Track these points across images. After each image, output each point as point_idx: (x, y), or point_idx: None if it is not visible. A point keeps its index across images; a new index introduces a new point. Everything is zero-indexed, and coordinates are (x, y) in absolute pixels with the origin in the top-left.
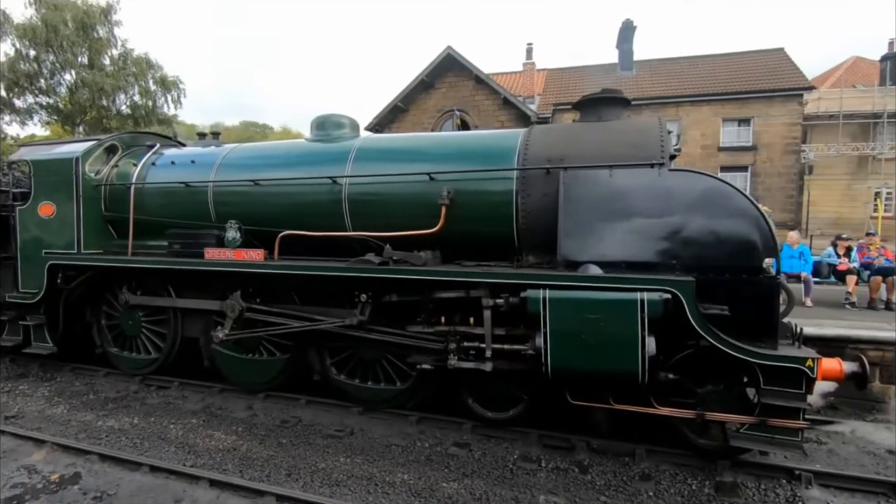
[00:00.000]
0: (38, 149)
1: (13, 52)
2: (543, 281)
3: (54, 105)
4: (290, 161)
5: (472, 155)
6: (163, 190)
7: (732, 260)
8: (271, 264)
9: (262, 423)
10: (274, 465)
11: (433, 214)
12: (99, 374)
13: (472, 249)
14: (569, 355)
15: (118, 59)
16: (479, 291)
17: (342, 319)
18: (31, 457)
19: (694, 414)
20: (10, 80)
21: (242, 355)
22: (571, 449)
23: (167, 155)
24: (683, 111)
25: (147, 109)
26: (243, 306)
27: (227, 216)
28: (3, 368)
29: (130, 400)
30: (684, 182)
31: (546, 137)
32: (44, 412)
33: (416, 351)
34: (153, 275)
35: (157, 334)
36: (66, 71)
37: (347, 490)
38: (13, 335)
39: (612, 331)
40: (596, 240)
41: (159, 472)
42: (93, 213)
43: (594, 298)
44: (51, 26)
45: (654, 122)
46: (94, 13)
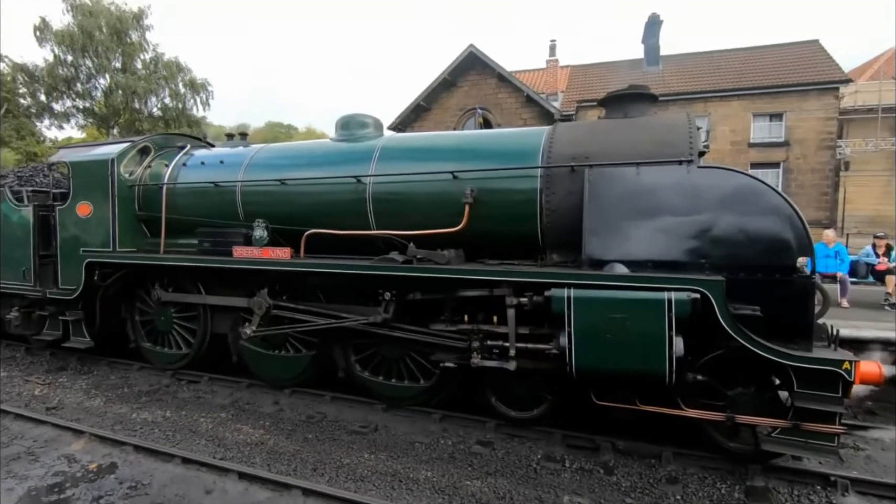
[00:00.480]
0: (76, 150)
1: (52, 57)
2: (568, 280)
3: (90, 108)
4: (315, 161)
5: (496, 153)
6: (193, 190)
7: (764, 259)
8: (297, 262)
9: (289, 418)
10: (300, 459)
11: (457, 213)
12: (133, 368)
13: (495, 248)
14: (594, 355)
15: (149, 63)
16: (502, 290)
17: (366, 317)
18: (70, 446)
19: (723, 416)
20: (50, 84)
21: (269, 352)
22: (596, 450)
23: (197, 156)
24: (712, 106)
25: (177, 111)
26: (270, 303)
27: (255, 215)
28: (44, 361)
29: (163, 394)
30: (714, 179)
31: (571, 135)
32: (82, 404)
33: (439, 349)
34: (184, 272)
35: (187, 330)
36: (101, 75)
37: (372, 486)
38: (53, 330)
39: (639, 331)
40: (622, 238)
41: (191, 463)
42: (127, 212)
43: (620, 298)
44: (86, 32)
45: (683, 118)
46: (126, 19)
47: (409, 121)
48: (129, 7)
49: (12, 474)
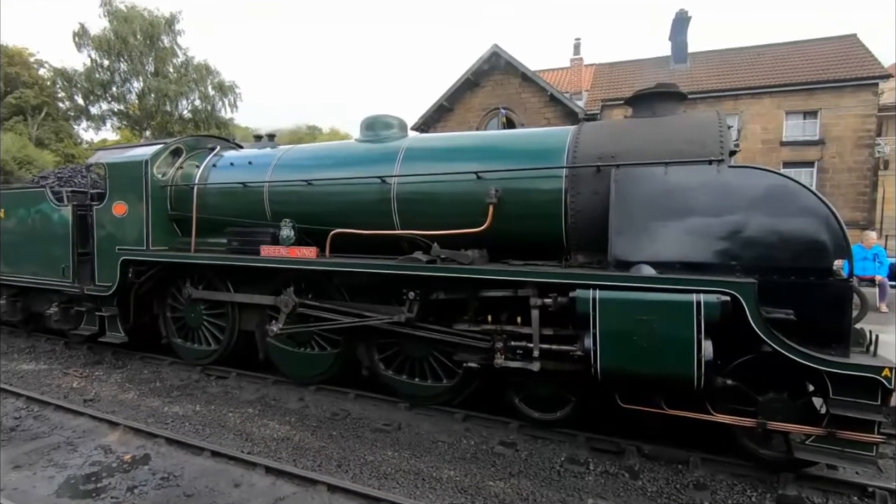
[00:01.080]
0: (112, 152)
1: (89, 62)
2: (594, 281)
3: (124, 111)
4: (340, 161)
5: (521, 153)
6: (222, 190)
7: (799, 261)
8: (323, 261)
9: (314, 414)
10: (325, 455)
11: (480, 213)
12: (164, 363)
13: (519, 248)
14: (619, 357)
15: (180, 67)
16: (526, 290)
17: (390, 316)
18: (106, 437)
19: (754, 422)
20: (87, 88)
21: (295, 349)
22: (621, 453)
23: (227, 157)
24: (743, 104)
25: (206, 113)
26: (296, 302)
27: (282, 215)
28: (81, 355)
29: (193, 388)
30: (746, 179)
31: (597, 134)
32: (116, 397)
33: (462, 349)
34: (213, 270)
35: (216, 327)
36: (135, 79)
37: (395, 483)
38: (90, 325)
39: (666, 333)
40: (649, 239)
41: (220, 457)
42: (160, 211)
43: (647, 299)
44: (121, 38)
45: (713, 116)
46: (159, 24)
47: (432, 121)
48: (161, 13)
49: (53, 463)
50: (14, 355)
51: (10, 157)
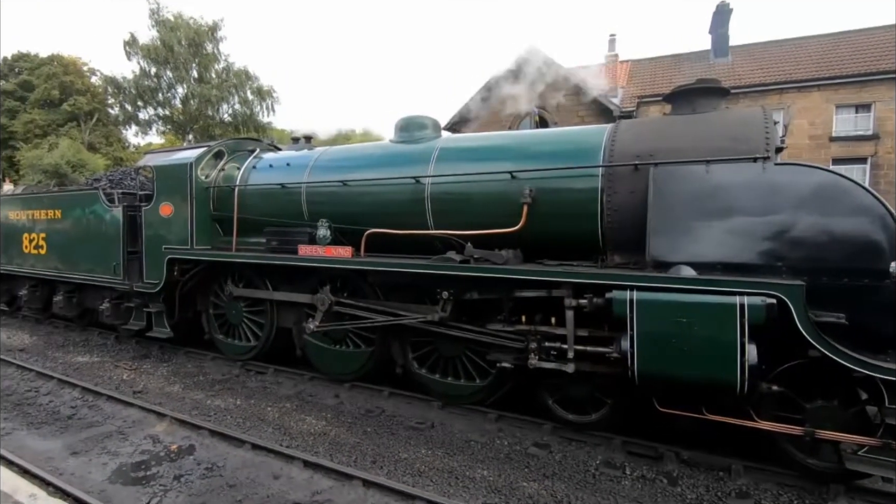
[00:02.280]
0: (159, 155)
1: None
2: (631, 282)
3: (169, 116)
4: (375, 162)
5: (556, 152)
6: (262, 191)
7: (851, 263)
8: (358, 261)
9: (349, 411)
10: (360, 451)
11: (514, 213)
12: (207, 358)
13: (554, 248)
14: (658, 360)
15: (222, 72)
16: (561, 291)
17: (424, 315)
18: (154, 428)
19: (802, 431)
20: (135, 95)
21: (331, 346)
22: (659, 458)
23: (266, 158)
24: (788, 98)
25: (245, 117)
26: (332, 300)
27: (319, 215)
28: (130, 349)
29: (233, 383)
30: (793, 177)
31: (634, 132)
32: (163, 389)
33: (496, 349)
34: (253, 269)
35: (256, 324)
36: (180, 85)
37: (429, 481)
38: (139, 320)
39: (708, 336)
40: (689, 239)
41: (260, 450)
42: (203, 212)
43: (687, 301)
44: (168, 46)
45: (758, 112)
46: (202, 31)
47: (464, 121)
48: (205, 21)
49: (106, 450)
50: (70, 348)
51: (64, 161)
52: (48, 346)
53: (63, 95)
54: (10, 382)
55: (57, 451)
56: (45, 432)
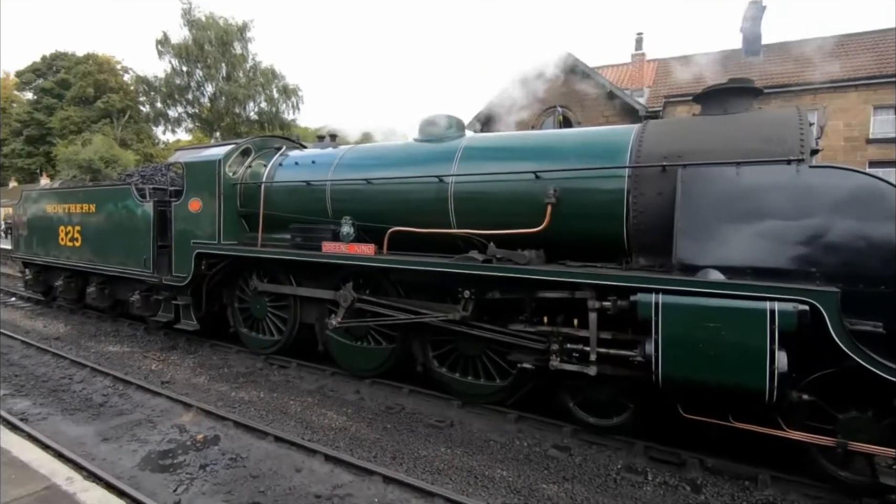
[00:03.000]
0: (189, 152)
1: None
2: (657, 285)
3: (197, 114)
4: (399, 161)
5: (581, 152)
6: (287, 188)
7: (890, 269)
8: (381, 258)
9: (369, 407)
10: (380, 447)
11: (538, 213)
12: (231, 351)
13: (577, 249)
14: (683, 365)
15: (249, 71)
16: (584, 293)
17: (445, 314)
18: (181, 418)
19: (833, 442)
20: (166, 93)
21: (352, 342)
22: (682, 465)
23: (292, 156)
24: (823, 99)
25: (271, 115)
26: (354, 297)
27: (343, 212)
28: (158, 340)
29: (257, 376)
30: (829, 180)
31: (662, 132)
32: (189, 380)
33: (517, 349)
34: (278, 264)
35: (279, 318)
36: (209, 84)
37: (448, 479)
38: (167, 312)
39: (736, 342)
40: (718, 243)
41: (282, 442)
42: (230, 208)
43: (716, 306)
44: (199, 45)
45: (793, 113)
46: (232, 31)
47: (487, 121)
48: (235, 21)
49: (136, 438)
50: (102, 338)
51: (98, 157)
52: (81, 336)
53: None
54: (45, 370)
55: (89, 437)
56: (79, 418)
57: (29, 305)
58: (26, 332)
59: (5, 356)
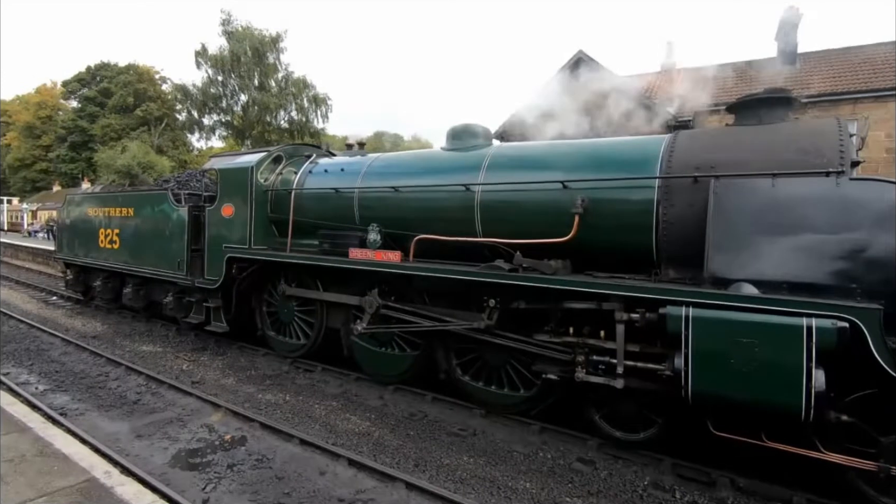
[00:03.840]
0: (223, 159)
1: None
2: (688, 298)
3: (230, 122)
4: (426, 169)
5: (610, 162)
6: (317, 195)
7: None
8: (406, 266)
9: (392, 413)
10: (403, 454)
11: (565, 223)
12: (259, 354)
13: (605, 260)
14: (714, 381)
15: (281, 81)
16: (611, 304)
17: (470, 322)
18: (210, 417)
19: (874, 466)
20: (201, 102)
21: (377, 348)
22: (712, 484)
23: (321, 164)
24: (863, 109)
25: (301, 124)
26: (380, 303)
27: (370, 219)
28: (189, 341)
29: (283, 379)
30: (872, 193)
31: (694, 143)
32: (218, 381)
33: (541, 360)
34: (305, 270)
35: (306, 323)
36: (243, 93)
37: (471, 489)
38: (198, 314)
39: (771, 359)
40: (752, 256)
41: (307, 445)
42: (261, 214)
43: (749, 321)
44: (235, 56)
45: (832, 123)
46: (266, 42)
47: (513, 130)
48: (269, 32)
49: (167, 436)
50: (136, 337)
51: (136, 163)
52: (117, 335)
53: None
54: (84, 366)
55: (124, 433)
56: (114, 415)
57: (69, 304)
58: (66, 330)
59: (46, 353)
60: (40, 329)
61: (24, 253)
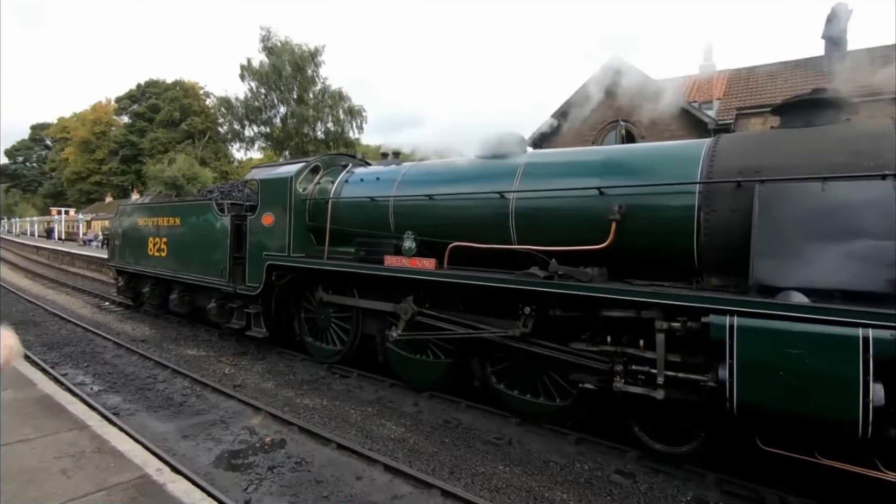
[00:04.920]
0: (264, 170)
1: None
2: (733, 306)
3: (269, 133)
4: (460, 177)
5: (648, 168)
6: (353, 203)
7: None
8: (441, 273)
9: (427, 420)
10: (438, 461)
11: (601, 230)
12: (297, 359)
13: (643, 267)
14: (762, 393)
15: (318, 94)
16: (650, 312)
17: (505, 330)
18: (250, 420)
19: None
20: (243, 114)
21: (411, 355)
22: (759, 502)
23: (357, 173)
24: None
25: (336, 135)
26: (415, 310)
27: (405, 227)
28: (231, 346)
29: (320, 384)
30: None
31: (737, 147)
32: (258, 385)
33: (578, 369)
34: (342, 277)
35: (342, 329)
36: (282, 105)
37: (507, 498)
38: (239, 320)
39: (824, 371)
40: (801, 263)
41: (344, 450)
42: (300, 222)
43: (800, 331)
44: (276, 70)
45: (888, 125)
46: (305, 56)
47: (547, 135)
48: (307, 46)
49: (211, 437)
50: (181, 341)
51: (181, 174)
52: (164, 339)
53: (182, 116)
54: (134, 369)
55: (171, 433)
56: (162, 416)
57: (120, 309)
58: (118, 334)
59: (100, 355)
60: (94, 333)
61: (80, 261)
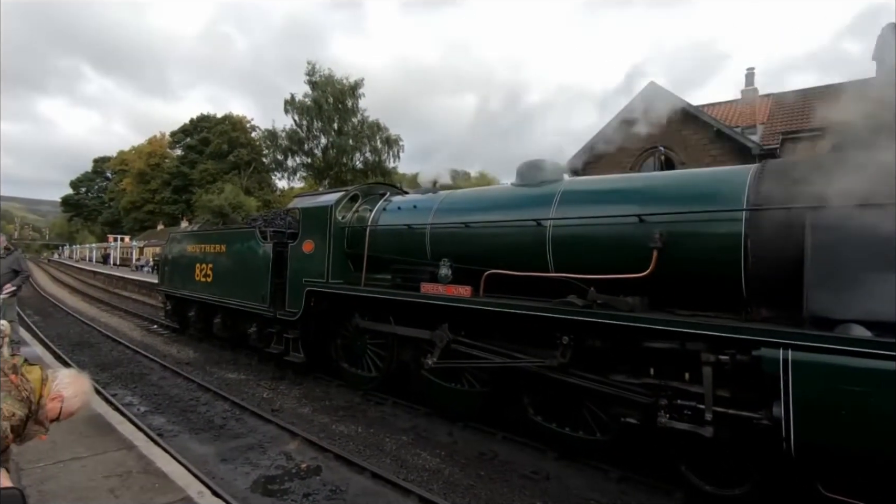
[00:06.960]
0: (305, 199)
1: (293, 123)
2: (787, 340)
3: (310, 163)
4: (497, 205)
5: (690, 195)
6: (390, 231)
7: None
8: (477, 301)
9: (462, 451)
10: (473, 494)
11: (642, 258)
12: (333, 385)
13: (687, 297)
14: (822, 433)
15: (358, 125)
16: (696, 344)
17: (542, 360)
18: (287, 445)
19: None
20: (286, 146)
21: (447, 383)
22: None
23: (395, 201)
24: None
25: (374, 164)
26: (450, 338)
27: (441, 255)
28: (269, 370)
29: (355, 410)
30: None
31: (786, 172)
32: (296, 410)
33: (619, 402)
34: (379, 303)
35: (378, 356)
36: (323, 136)
37: None
38: (278, 345)
39: (889, 411)
40: (860, 294)
41: (379, 479)
42: (338, 249)
43: (863, 367)
44: (318, 104)
45: None
46: (346, 90)
47: (584, 162)
48: (348, 80)
49: (249, 461)
50: (223, 365)
51: (227, 203)
52: (207, 362)
53: (230, 148)
54: (178, 391)
55: (211, 455)
56: (203, 438)
57: (166, 332)
58: (164, 357)
59: (147, 377)
60: (143, 355)
61: (132, 285)
